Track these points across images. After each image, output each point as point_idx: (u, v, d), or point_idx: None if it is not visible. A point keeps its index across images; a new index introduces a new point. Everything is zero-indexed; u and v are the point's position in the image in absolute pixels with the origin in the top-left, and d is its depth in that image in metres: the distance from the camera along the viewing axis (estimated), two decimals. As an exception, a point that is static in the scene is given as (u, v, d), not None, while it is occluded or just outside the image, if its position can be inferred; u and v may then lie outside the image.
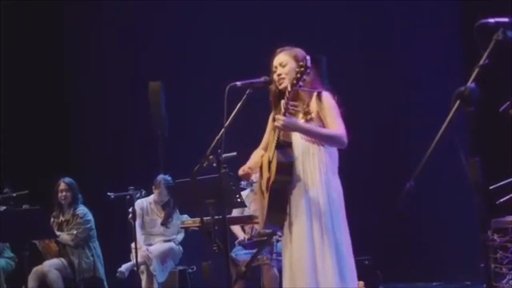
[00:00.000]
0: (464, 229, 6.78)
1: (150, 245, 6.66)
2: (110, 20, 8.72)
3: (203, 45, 8.52)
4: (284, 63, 3.54)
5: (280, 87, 3.54)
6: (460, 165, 2.28)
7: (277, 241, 5.37)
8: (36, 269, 6.31)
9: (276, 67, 3.57)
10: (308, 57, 3.25)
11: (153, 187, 6.77)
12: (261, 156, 3.71)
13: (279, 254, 4.85)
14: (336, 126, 3.41)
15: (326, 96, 3.45)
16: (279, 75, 3.54)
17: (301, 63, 3.26)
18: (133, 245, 6.49)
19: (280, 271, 4.72)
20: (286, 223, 3.47)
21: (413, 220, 7.09)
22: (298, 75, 3.26)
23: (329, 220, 3.36)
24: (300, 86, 3.31)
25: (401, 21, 7.88)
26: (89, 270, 6.45)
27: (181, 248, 6.74)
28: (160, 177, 6.75)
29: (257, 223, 4.26)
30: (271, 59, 3.62)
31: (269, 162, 3.51)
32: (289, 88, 3.32)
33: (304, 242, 3.35)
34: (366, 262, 6.49)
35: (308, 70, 3.23)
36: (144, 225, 6.76)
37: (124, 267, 6.48)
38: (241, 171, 3.64)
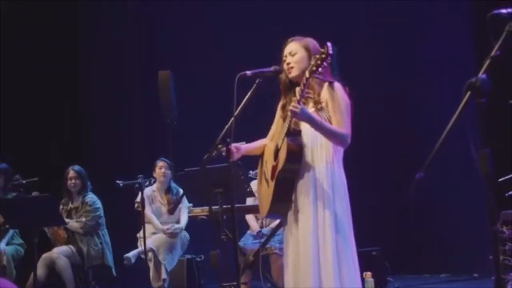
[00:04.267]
0: (473, 221, 6.76)
1: (155, 233, 6.66)
2: (120, 9, 8.73)
3: (213, 34, 8.51)
4: (294, 52, 3.52)
5: (290, 76, 3.52)
6: (470, 157, 2.27)
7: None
8: (45, 256, 6.33)
9: (286, 56, 3.55)
10: (329, 44, 3.13)
11: (154, 172, 6.75)
12: (263, 145, 3.69)
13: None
14: (343, 125, 3.37)
15: (338, 87, 3.41)
16: (288, 64, 3.52)
17: (322, 50, 3.16)
18: (138, 234, 6.50)
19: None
20: (291, 211, 3.45)
21: (422, 211, 7.10)
22: (318, 62, 3.16)
23: (333, 210, 3.34)
24: (319, 74, 3.23)
25: (412, 14, 7.86)
26: (97, 257, 6.47)
27: (187, 235, 6.73)
28: (159, 159, 6.77)
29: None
30: (282, 48, 3.59)
31: (276, 151, 3.49)
32: (307, 75, 3.24)
33: (310, 232, 3.34)
34: (374, 253, 6.50)
35: (329, 58, 3.13)
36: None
37: (131, 254, 6.48)
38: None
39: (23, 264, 6.63)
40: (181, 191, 6.65)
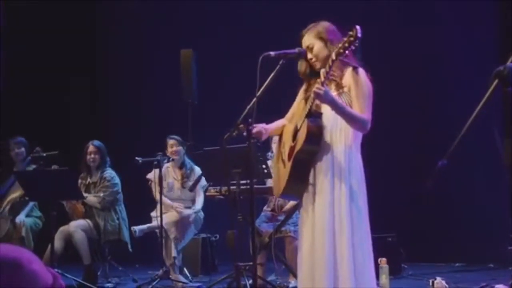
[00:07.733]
0: (490, 211, 6.75)
1: (165, 213, 6.58)
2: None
3: (236, 13, 8.49)
4: (311, 46, 3.48)
5: (316, 69, 3.49)
6: (490, 145, 2.25)
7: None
8: (63, 229, 6.38)
9: (306, 49, 3.51)
10: (358, 27, 3.09)
11: (166, 151, 6.69)
12: (282, 126, 3.67)
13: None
14: (364, 110, 3.34)
15: (362, 73, 3.38)
16: (311, 59, 3.49)
17: (350, 33, 3.12)
18: (152, 214, 6.50)
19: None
20: (309, 193, 3.43)
21: (439, 199, 7.07)
22: (346, 45, 3.13)
23: (349, 185, 3.33)
24: (345, 56, 3.20)
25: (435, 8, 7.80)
26: (114, 232, 6.51)
27: (202, 213, 6.68)
28: (168, 137, 6.72)
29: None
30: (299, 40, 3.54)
31: (295, 131, 3.47)
32: (333, 57, 3.21)
33: (326, 215, 3.33)
34: (390, 239, 6.50)
35: (358, 41, 3.10)
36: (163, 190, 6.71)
37: (138, 227, 6.46)
38: (255, 129, 3.51)
39: (41, 236, 6.70)
40: (195, 166, 6.63)
